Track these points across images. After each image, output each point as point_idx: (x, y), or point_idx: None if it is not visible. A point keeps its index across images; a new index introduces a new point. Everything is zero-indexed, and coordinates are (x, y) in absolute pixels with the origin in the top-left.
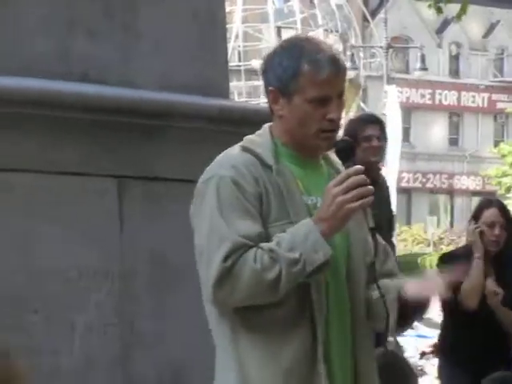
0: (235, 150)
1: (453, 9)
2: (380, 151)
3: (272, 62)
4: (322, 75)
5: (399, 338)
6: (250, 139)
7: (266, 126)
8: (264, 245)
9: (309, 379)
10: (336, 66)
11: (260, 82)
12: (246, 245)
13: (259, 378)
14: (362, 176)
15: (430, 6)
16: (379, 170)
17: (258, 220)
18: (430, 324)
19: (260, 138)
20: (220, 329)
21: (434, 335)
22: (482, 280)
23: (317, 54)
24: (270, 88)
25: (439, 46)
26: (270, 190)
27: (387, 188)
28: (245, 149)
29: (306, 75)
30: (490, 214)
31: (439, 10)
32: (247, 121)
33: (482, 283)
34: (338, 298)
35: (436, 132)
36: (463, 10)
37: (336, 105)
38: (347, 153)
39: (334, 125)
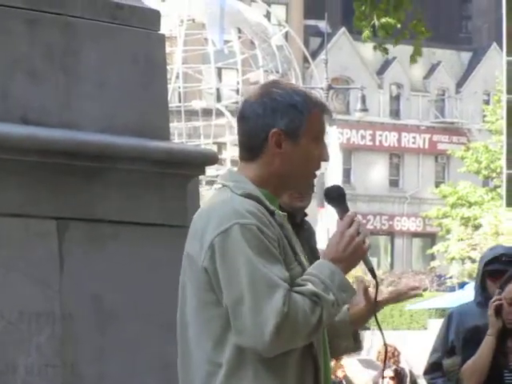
0: (234, 197)
1: (395, 50)
2: (306, 197)
3: (278, 104)
4: (324, 117)
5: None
6: (237, 186)
7: (236, 172)
8: (303, 289)
9: None
10: (327, 109)
11: (201, 123)
12: (290, 289)
13: None
14: (360, 219)
15: (375, 47)
16: (305, 215)
17: (283, 264)
18: (370, 365)
19: (244, 185)
20: (241, 379)
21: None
22: (488, 360)
23: (318, 97)
24: (276, 130)
25: (380, 86)
26: (280, 234)
27: (313, 236)
28: (247, 195)
29: (316, 116)
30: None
31: (385, 51)
32: (189, 163)
33: (486, 363)
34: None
35: (376, 173)
36: (417, 53)
37: (325, 145)
38: (343, 198)
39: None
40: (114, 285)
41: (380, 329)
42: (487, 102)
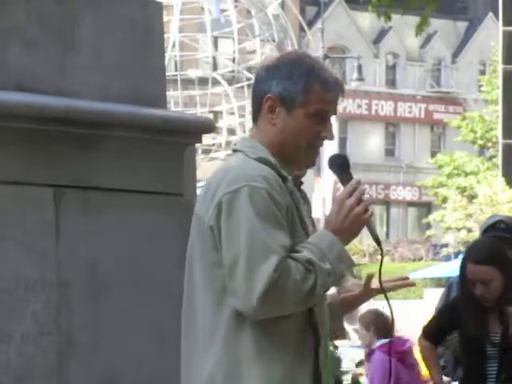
0: (250, 161)
1: (391, 19)
2: None
3: (278, 72)
4: (328, 95)
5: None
6: (252, 151)
7: (250, 139)
8: (298, 255)
9: None
10: (341, 90)
11: (197, 92)
12: (286, 256)
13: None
14: (363, 187)
15: (378, 15)
16: (301, 183)
17: (287, 232)
18: None
19: (258, 150)
20: (240, 341)
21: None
22: None
23: (327, 75)
24: (269, 95)
25: (376, 56)
26: (290, 201)
27: (309, 205)
28: (262, 160)
29: (315, 92)
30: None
31: (388, 18)
32: (186, 131)
33: None
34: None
35: (372, 142)
36: (424, 23)
37: (331, 125)
38: (346, 167)
39: (323, 144)
40: (109, 252)
41: (387, 298)
42: (483, 72)
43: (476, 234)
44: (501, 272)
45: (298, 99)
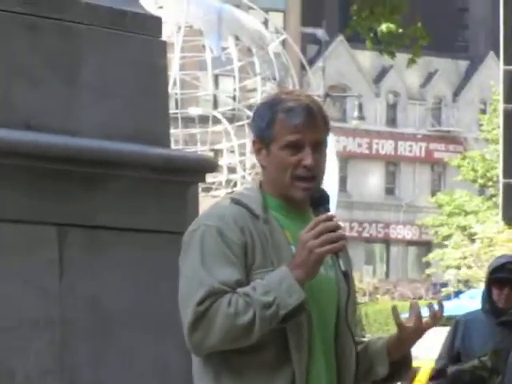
0: (226, 202)
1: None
2: None
3: (254, 116)
4: (294, 122)
5: None
6: (239, 192)
7: (257, 179)
8: (240, 290)
9: None
10: (310, 114)
11: (198, 130)
12: (223, 290)
13: None
14: (333, 222)
15: (381, 51)
16: None
17: (238, 268)
18: None
19: (248, 191)
20: (205, 374)
21: None
22: None
23: (292, 103)
24: (253, 140)
25: (377, 94)
26: (255, 239)
27: None
28: (234, 201)
29: (280, 123)
30: None
31: (392, 55)
32: (189, 170)
33: None
34: (325, 348)
35: (372, 181)
36: (416, 55)
37: (311, 152)
38: (319, 200)
39: (310, 173)
40: (113, 291)
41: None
42: (484, 111)
43: (476, 272)
44: None
45: (267, 135)
